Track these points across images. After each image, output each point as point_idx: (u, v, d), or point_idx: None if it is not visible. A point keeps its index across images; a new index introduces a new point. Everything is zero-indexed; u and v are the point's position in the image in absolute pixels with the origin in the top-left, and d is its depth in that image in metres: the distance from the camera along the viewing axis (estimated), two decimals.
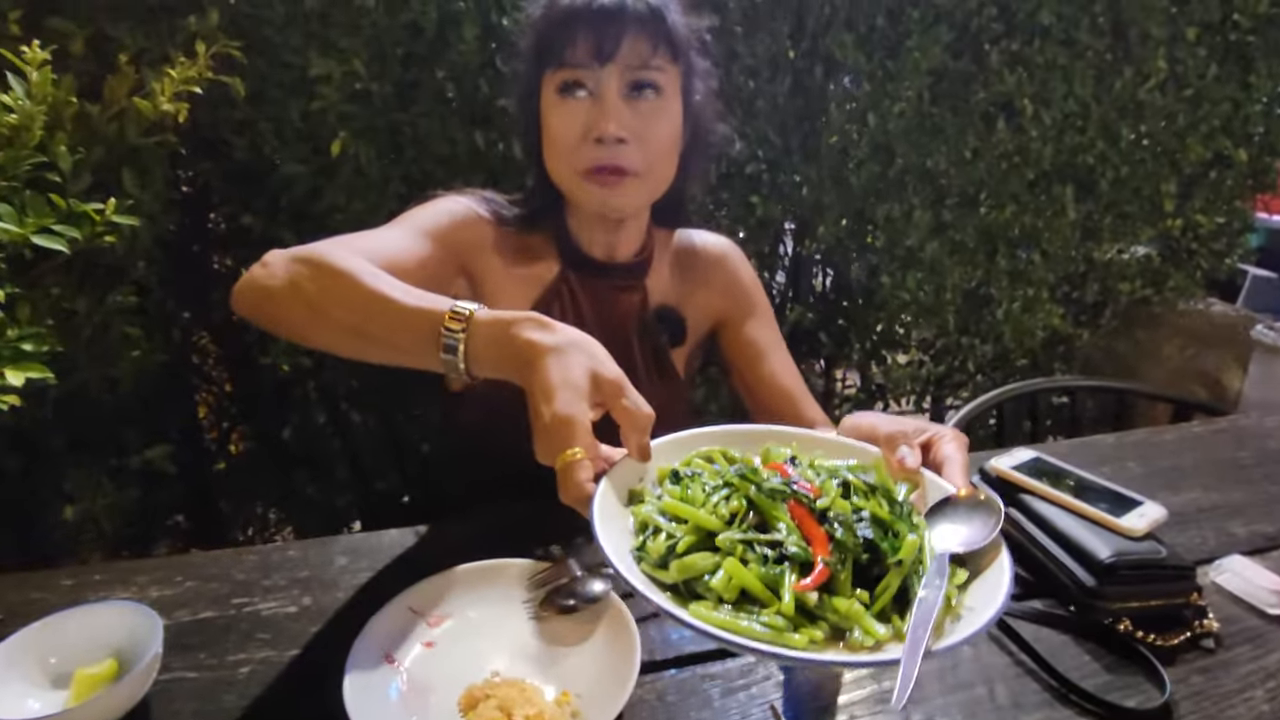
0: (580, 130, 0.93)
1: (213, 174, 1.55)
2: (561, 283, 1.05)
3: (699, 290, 1.14)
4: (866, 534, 0.58)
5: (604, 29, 0.89)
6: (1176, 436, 1.28)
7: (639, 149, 0.94)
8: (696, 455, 0.69)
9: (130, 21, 1.31)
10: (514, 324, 0.66)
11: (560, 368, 0.62)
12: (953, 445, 0.71)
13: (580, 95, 0.92)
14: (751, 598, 0.54)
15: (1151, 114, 2.23)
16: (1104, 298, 2.56)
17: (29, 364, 0.94)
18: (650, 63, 0.92)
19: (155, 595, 0.83)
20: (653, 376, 1.10)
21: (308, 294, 0.75)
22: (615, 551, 0.55)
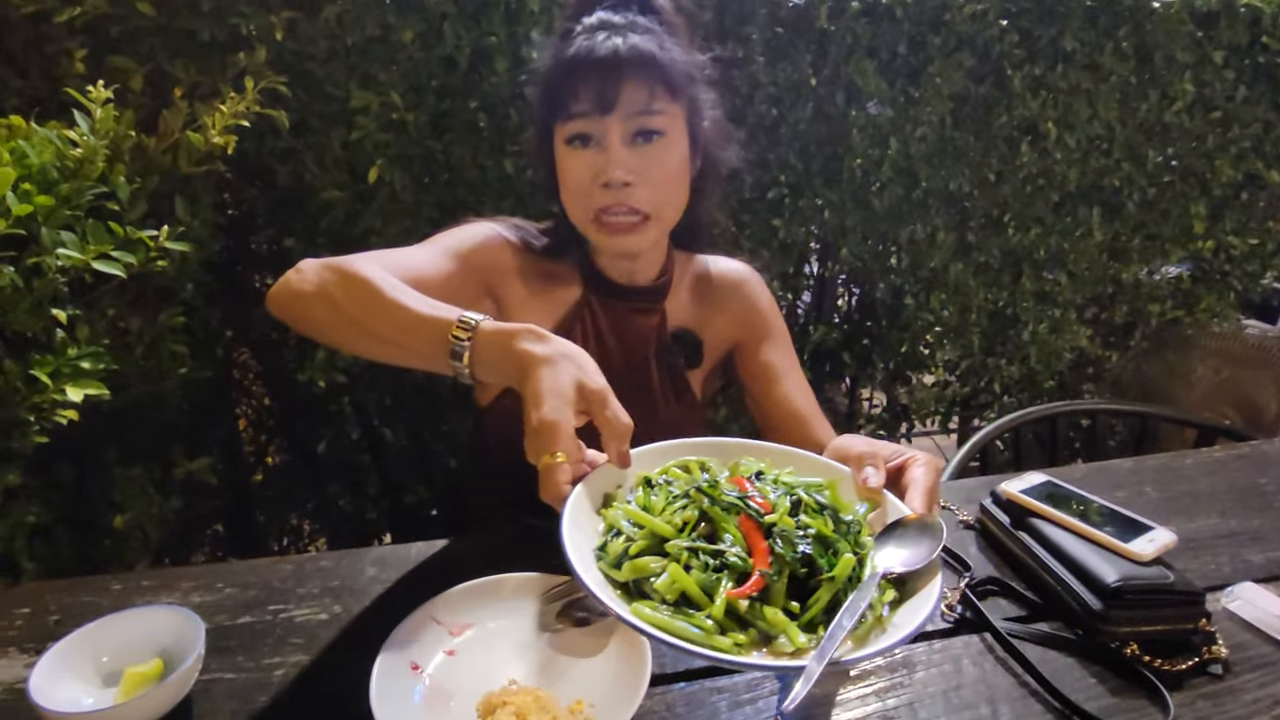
0: (589, 177, 0.97)
1: (257, 200, 1.62)
2: (583, 306, 1.10)
3: (716, 314, 1.18)
4: (806, 550, 0.62)
5: (602, 80, 0.94)
6: (1196, 462, 1.27)
7: (646, 189, 0.98)
8: (674, 464, 0.73)
9: (185, 58, 1.40)
10: (514, 335, 0.72)
11: (550, 376, 0.68)
12: (922, 469, 0.75)
13: (587, 145, 0.97)
14: (692, 601, 0.59)
15: (1179, 136, 2.22)
16: (1133, 319, 2.54)
17: (87, 381, 1.01)
18: (650, 107, 0.96)
19: (197, 600, 0.88)
20: (669, 396, 1.13)
21: (333, 298, 0.82)
22: (574, 549, 0.60)
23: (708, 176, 1.09)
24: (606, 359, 1.10)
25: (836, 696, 0.74)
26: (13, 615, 0.86)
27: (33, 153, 1.04)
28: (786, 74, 1.81)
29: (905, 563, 0.65)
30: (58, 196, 1.05)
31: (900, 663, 0.82)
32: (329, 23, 1.47)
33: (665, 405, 1.13)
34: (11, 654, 0.80)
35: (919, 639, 0.85)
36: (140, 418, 1.34)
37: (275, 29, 1.40)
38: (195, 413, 1.62)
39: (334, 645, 0.82)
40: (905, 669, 0.81)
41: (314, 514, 2.09)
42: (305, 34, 1.47)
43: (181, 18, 1.39)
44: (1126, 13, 2.01)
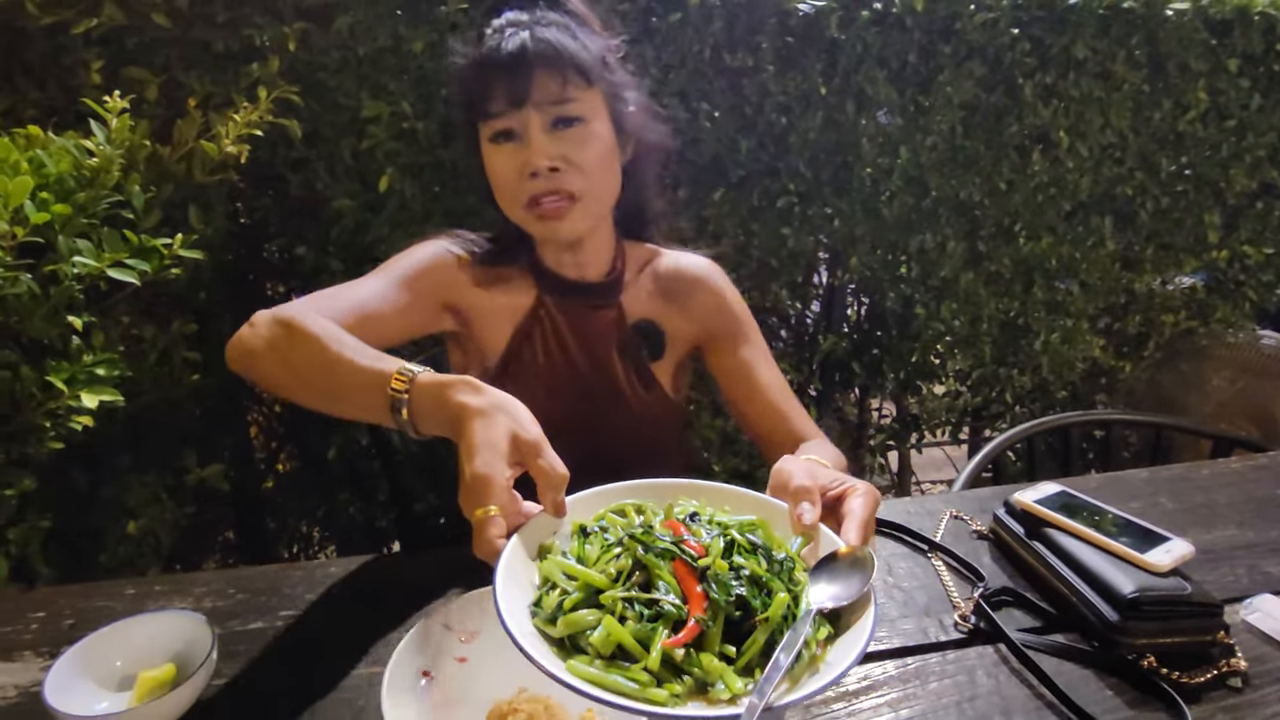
0: (515, 171, 0.98)
1: (269, 208, 1.64)
2: (540, 307, 1.10)
3: (679, 309, 1.17)
4: (740, 591, 0.61)
5: (513, 75, 0.95)
6: (1212, 472, 1.26)
7: (574, 173, 0.99)
8: (610, 510, 0.72)
9: (199, 69, 1.41)
10: (449, 386, 0.72)
11: (484, 428, 0.67)
12: (860, 500, 0.74)
13: (510, 140, 0.98)
14: (628, 653, 0.57)
15: (1193, 145, 2.21)
16: (1147, 329, 2.53)
17: (102, 387, 1.01)
18: (564, 96, 0.97)
19: (210, 605, 0.88)
20: (636, 390, 1.14)
21: (283, 355, 0.84)
22: (508, 605, 0.59)
23: (641, 161, 1.10)
24: (569, 358, 1.11)
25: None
26: (28, 619, 0.86)
27: (50, 162, 1.06)
28: (796, 83, 1.81)
29: (836, 598, 0.63)
30: (74, 205, 1.06)
31: (913, 673, 0.82)
32: (341, 33, 1.48)
33: (635, 399, 1.14)
34: (27, 657, 0.81)
35: (932, 649, 0.85)
36: (153, 425, 1.35)
37: (288, 40, 1.42)
38: (207, 420, 1.63)
39: (345, 651, 0.82)
40: (919, 679, 0.81)
41: (324, 521, 2.09)
42: (318, 44, 1.49)
43: (196, 29, 1.41)
44: (1139, 21, 2.00)
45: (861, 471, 2.45)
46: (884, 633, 0.87)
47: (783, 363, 2.11)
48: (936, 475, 3.23)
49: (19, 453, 1.00)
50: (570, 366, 1.12)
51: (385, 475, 2.00)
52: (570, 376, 1.12)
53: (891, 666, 0.83)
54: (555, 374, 1.11)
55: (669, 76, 1.73)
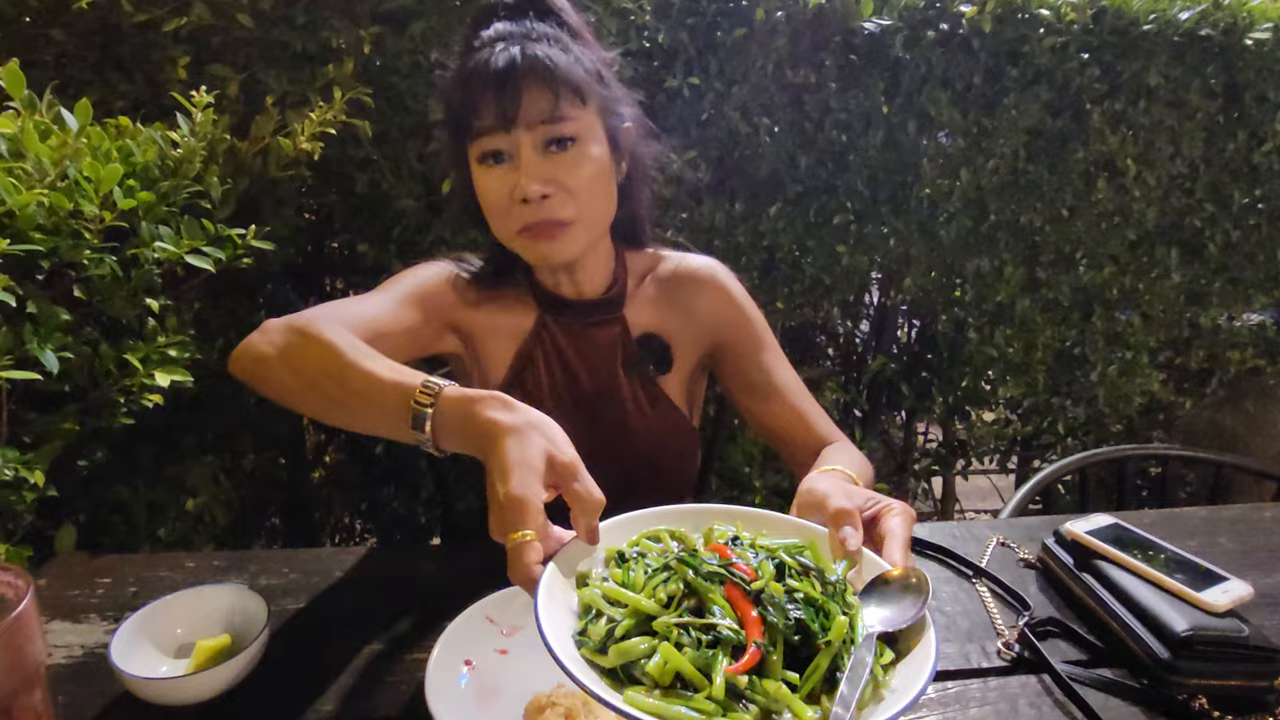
0: (505, 194, 0.94)
1: (335, 205, 1.69)
2: (541, 328, 1.08)
3: (685, 316, 1.13)
4: (798, 615, 0.59)
5: (501, 93, 0.90)
6: (1275, 515, 1.22)
7: (566, 199, 0.95)
8: (644, 536, 0.70)
9: (278, 68, 1.47)
10: (478, 402, 0.69)
11: (518, 448, 0.64)
12: (897, 520, 0.72)
13: (500, 162, 0.94)
14: (687, 682, 0.55)
15: (1267, 178, 2.14)
16: (1210, 366, 2.44)
17: (173, 368, 1.06)
18: (556, 114, 0.92)
19: (264, 583, 0.92)
20: (643, 407, 1.10)
21: (296, 363, 0.81)
22: (556, 636, 0.56)
23: (636, 179, 1.06)
24: (573, 378, 1.08)
25: None
26: (94, 584, 0.91)
27: (138, 151, 1.11)
28: (858, 101, 1.81)
29: (888, 622, 0.62)
30: (158, 193, 1.11)
31: (954, 698, 0.80)
32: (414, 39, 1.53)
33: (639, 416, 1.10)
34: (93, 620, 0.85)
35: (974, 675, 0.83)
36: (216, 408, 1.40)
37: (364, 43, 1.47)
38: (264, 407, 1.68)
39: (391, 635, 0.84)
40: (959, 704, 0.79)
41: (367, 514, 2.14)
42: (391, 49, 1.54)
43: (277, 30, 1.47)
44: (1216, 49, 1.95)
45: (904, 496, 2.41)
46: None
47: (830, 381, 2.10)
48: (981, 504, 3.16)
49: (93, 426, 1.05)
50: (575, 386, 1.09)
51: (430, 472, 2.04)
52: (576, 397, 1.09)
53: (932, 690, 0.82)
54: (560, 395, 1.08)
55: (731, 90, 1.74)
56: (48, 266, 0.98)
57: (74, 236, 0.99)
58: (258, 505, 1.82)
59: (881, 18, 1.74)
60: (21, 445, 0.96)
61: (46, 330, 0.94)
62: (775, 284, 1.97)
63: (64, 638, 0.82)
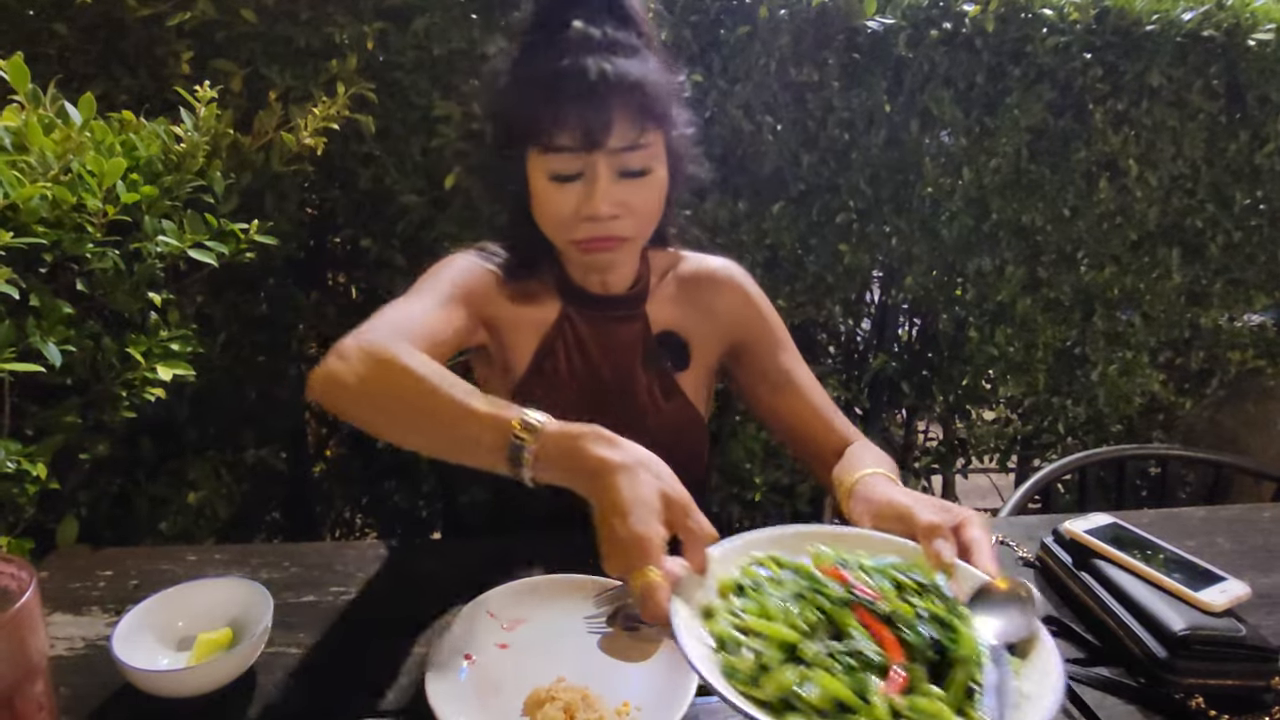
0: (573, 209, 0.93)
1: (338, 200, 1.69)
2: (564, 320, 1.08)
3: (704, 315, 1.13)
4: (931, 633, 0.60)
5: (590, 112, 0.87)
6: (1274, 515, 1.22)
7: (630, 219, 0.95)
8: (750, 562, 0.71)
9: (281, 63, 1.47)
10: (582, 438, 0.69)
11: (631, 486, 0.65)
12: (979, 531, 0.74)
13: (572, 181, 0.92)
14: (845, 707, 0.56)
15: (1269, 179, 2.14)
16: (1211, 366, 2.44)
17: (176, 362, 1.06)
18: (639, 142, 0.90)
19: (265, 576, 0.92)
20: (659, 402, 1.11)
21: (381, 393, 0.79)
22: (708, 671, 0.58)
23: (676, 186, 1.05)
24: (592, 371, 1.09)
25: None
26: (96, 577, 0.91)
27: (141, 145, 1.11)
28: (861, 100, 1.81)
29: (1006, 631, 0.63)
30: (161, 187, 1.11)
31: None
32: (417, 34, 1.53)
33: (655, 411, 1.10)
34: (94, 612, 0.85)
35: None
36: (218, 402, 1.41)
37: (367, 38, 1.47)
38: (266, 401, 1.69)
39: (391, 629, 0.85)
40: None
41: (368, 508, 2.15)
42: (395, 44, 1.54)
43: (280, 25, 1.47)
44: (1219, 50, 1.95)
45: None
46: None
47: (831, 379, 2.10)
48: (981, 503, 3.16)
49: (96, 419, 1.05)
50: (593, 379, 1.09)
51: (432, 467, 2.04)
52: (593, 389, 1.09)
53: None
54: (578, 387, 1.09)
55: (734, 88, 1.74)
56: (50, 260, 0.98)
57: (77, 230, 0.99)
58: (259, 499, 1.83)
59: (885, 16, 1.74)
60: (24, 438, 0.96)
61: (49, 323, 0.95)
62: (777, 282, 1.97)
63: (65, 630, 0.82)
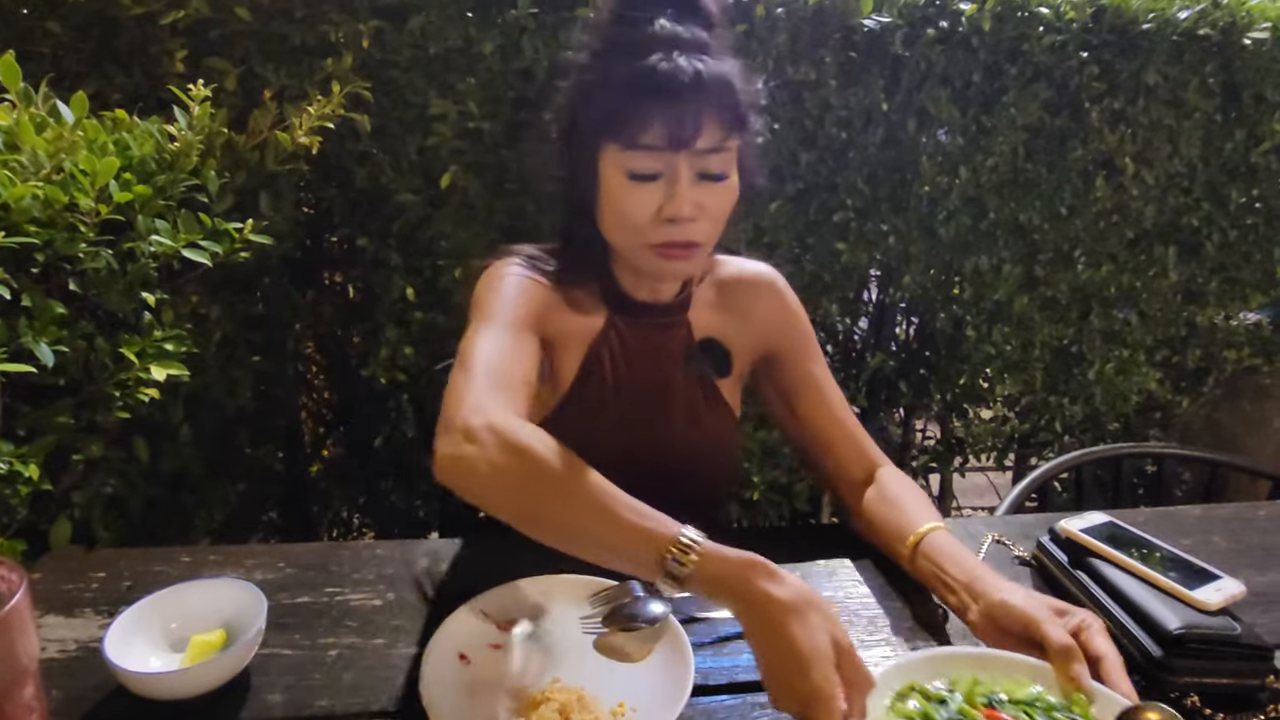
0: (652, 210, 0.90)
1: (334, 199, 1.69)
2: (610, 328, 1.05)
3: (743, 320, 1.12)
4: None
5: (681, 112, 0.86)
6: (1270, 514, 1.22)
7: (706, 223, 0.93)
8: (894, 698, 0.71)
9: (276, 62, 1.47)
10: (744, 568, 0.69)
11: (808, 634, 0.66)
12: (1104, 639, 0.74)
13: (650, 181, 0.90)
14: None
15: (1265, 177, 2.15)
16: (1207, 364, 2.45)
17: (169, 362, 1.06)
18: (723, 145, 0.89)
19: (259, 578, 0.91)
20: (699, 410, 1.09)
21: (521, 491, 0.75)
22: None
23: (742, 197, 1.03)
24: (636, 380, 1.07)
25: None
26: (89, 578, 0.91)
27: (134, 144, 1.11)
28: (858, 98, 1.80)
29: None
30: (154, 186, 1.11)
31: None
32: (413, 33, 1.52)
33: (696, 420, 1.09)
34: (87, 614, 0.85)
35: None
36: (213, 402, 1.40)
37: (362, 36, 1.47)
38: (262, 401, 1.68)
39: (386, 630, 0.84)
40: None
41: (365, 508, 2.14)
42: (390, 42, 1.53)
43: (275, 23, 1.46)
44: (1215, 48, 1.95)
45: None
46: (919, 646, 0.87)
47: None
48: (978, 501, 3.17)
49: (89, 420, 1.05)
50: (638, 388, 1.07)
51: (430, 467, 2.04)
52: (638, 398, 1.07)
53: None
54: (623, 397, 1.06)
55: None
56: (43, 260, 0.98)
57: (69, 230, 0.99)
58: (255, 499, 1.82)
59: (881, 15, 1.74)
60: (16, 439, 0.96)
61: (41, 324, 0.94)
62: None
63: (58, 632, 0.82)
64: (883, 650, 0.87)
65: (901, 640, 0.88)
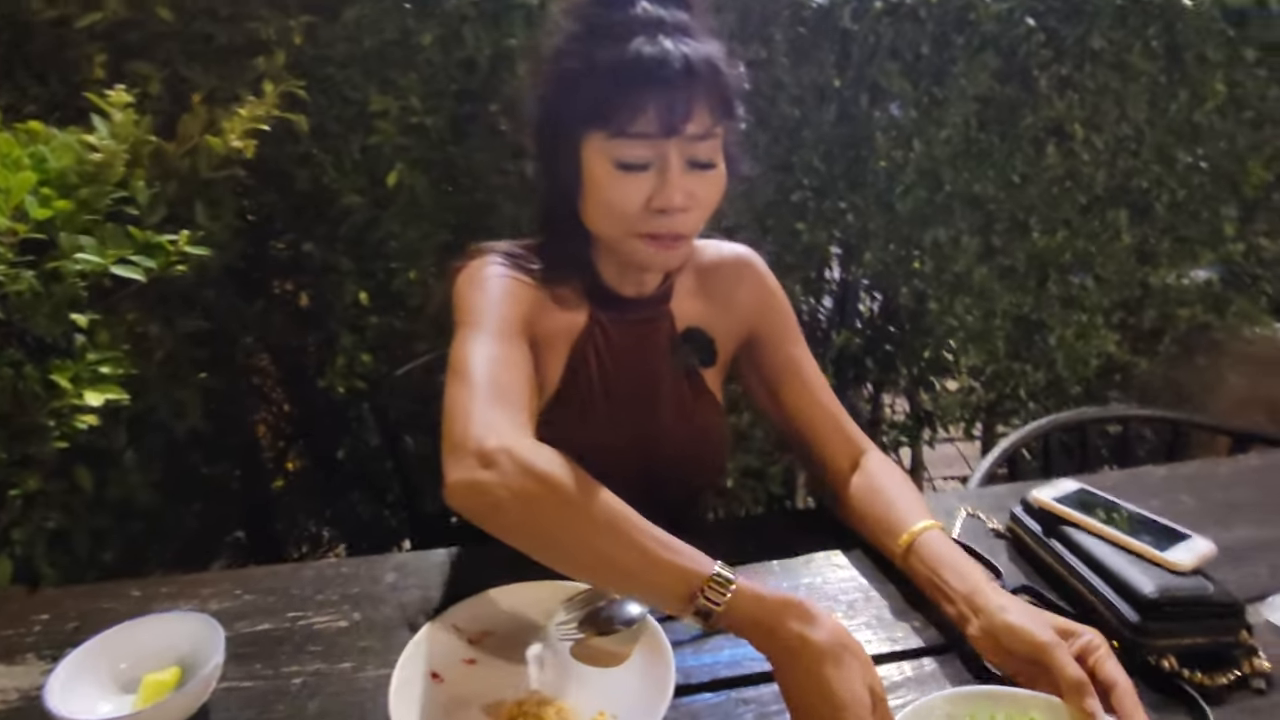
0: (642, 201, 0.87)
1: (276, 204, 1.63)
2: (594, 325, 1.02)
3: (723, 305, 1.09)
4: None
5: (672, 98, 0.83)
6: (1232, 469, 1.24)
7: (696, 212, 0.90)
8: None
9: (203, 63, 1.40)
10: (780, 609, 0.68)
11: (844, 681, 0.65)
12: (1114, 664, 0.73)
13: (640, 171, 0.87)
14: None
15: (1209, 137, 2.18)
16: (1162, 324, 2.49)
17: (107, 386, 1.01)
18: (712, 131, 0.87)
19: (216, 608, 0.87)
20: (686, 402, 1.07)
21: (542, 519, 0.72)
22: None
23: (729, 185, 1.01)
24: (623, 377, 1.04)
25: None
26: (31, 621, 0.85)
27: (52, 157, 1.05)
28: (810, 75, 1.79)
29: None
30: (77, 201, 1.05)
31: (929, 676, 0.80)
32: (348, 26, 1.47)
33: (683, 411, 1.07)
34: (29, 660, 0.80)
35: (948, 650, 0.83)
36: (159, 425, 1.34)
37: (294, 33, 1.41)
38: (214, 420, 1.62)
39: (353, 653, 0.81)
40: (935, 683, 0.79)
41: (333, 521, 2.09)
42: (324, 38, 1.47)
43: (199, 22, 1.40)
44: (1156, 11, 1.97)
45: None
46: (899, 634, 0.86)
47: None
48: (949, 471, 3.21)
49: (22, 453, 0.99)
50: (625, 385, 1.04)
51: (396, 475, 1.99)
52: (626, 396, 1.04)
53: (909, 668, 0.81)
54: (611, 396, 1.03)
55: None
56: None
57: None
58: (216, 521, 1.76)
59: None
60: None
61: None
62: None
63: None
64: (864, 635, 0.86)
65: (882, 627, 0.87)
